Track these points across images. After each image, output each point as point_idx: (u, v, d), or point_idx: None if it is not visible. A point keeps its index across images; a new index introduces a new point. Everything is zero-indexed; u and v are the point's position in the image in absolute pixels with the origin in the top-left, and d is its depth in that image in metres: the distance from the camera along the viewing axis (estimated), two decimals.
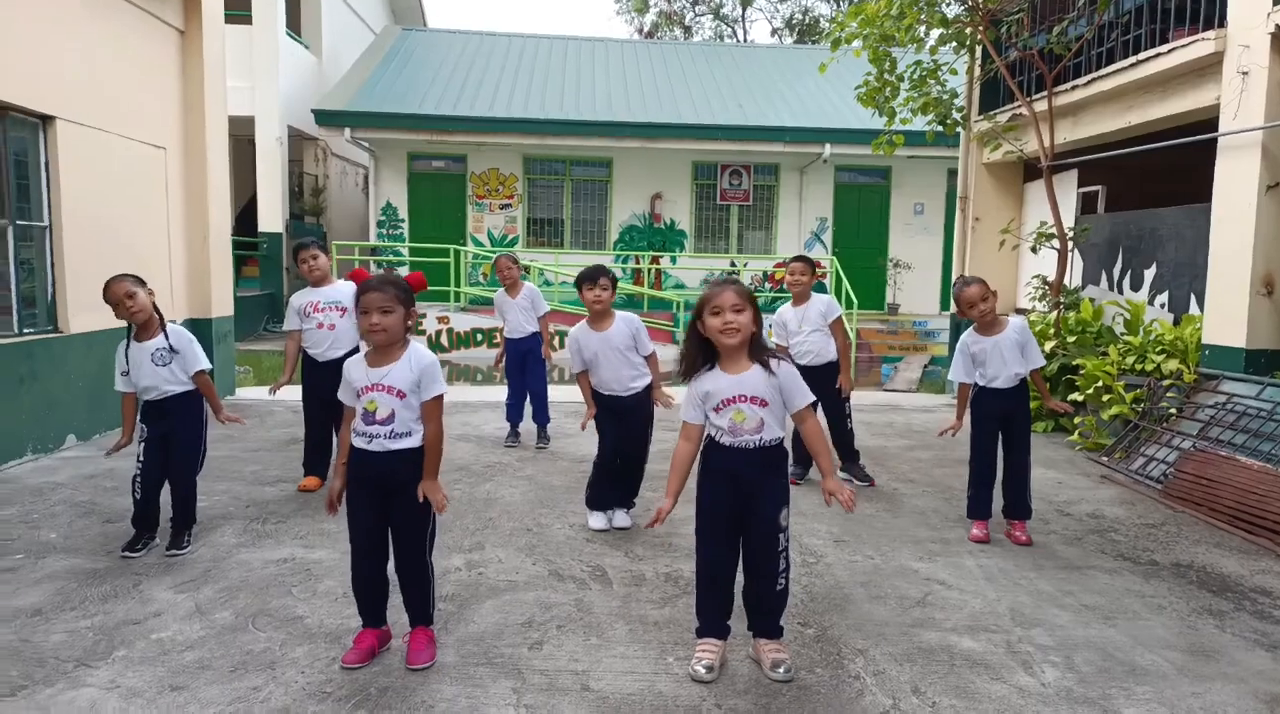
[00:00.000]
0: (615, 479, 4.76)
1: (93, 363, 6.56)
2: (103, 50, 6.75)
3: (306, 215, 18.29)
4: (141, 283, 4.22)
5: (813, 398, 3.12)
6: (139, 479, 4.20)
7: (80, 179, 6.45)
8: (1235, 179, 6.31)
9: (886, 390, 11.78)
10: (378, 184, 17.05)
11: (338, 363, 5.20)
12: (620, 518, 4.78)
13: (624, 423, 4.70)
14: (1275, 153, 6.05)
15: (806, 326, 5.66)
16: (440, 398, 3.16)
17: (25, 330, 6.07)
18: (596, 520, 4.75)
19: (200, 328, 8.01)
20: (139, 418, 4.27)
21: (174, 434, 4.25)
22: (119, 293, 4.13)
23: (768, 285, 17.41)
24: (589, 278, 4.64)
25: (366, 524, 3.16)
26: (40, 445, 6.10)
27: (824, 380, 5.69)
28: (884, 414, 8.58)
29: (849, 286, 14.05)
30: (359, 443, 3.12)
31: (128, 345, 4.20)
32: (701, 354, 3.12)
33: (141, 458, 4.20)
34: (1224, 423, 5.89)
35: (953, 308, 10.46)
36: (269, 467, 5.90)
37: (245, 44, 15.44)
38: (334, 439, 5.44)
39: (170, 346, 4.21)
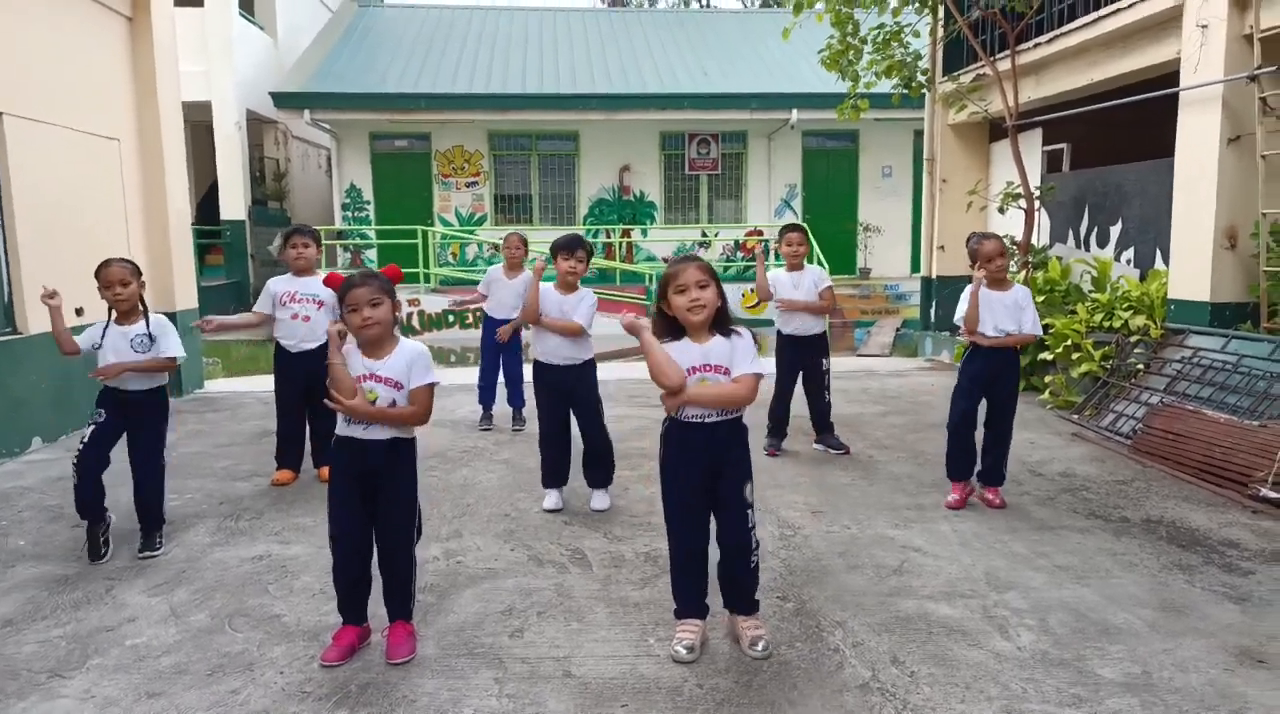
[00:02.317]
0: (562, 450, 4.77)
1: (55, 363, 6.40)
2: (48, 42, 6.55)
3: (269, 201, 18.01)
4: (138, 273, 4.20)
5: (759, 371, 3.05)
6: (78, 462, 4.06)
7: (32, 175, 6.28)
8: (1197, 133, 6.34)
9: (860, 355, 11.85)
10: (341, 166, 16.81)
11: (310, 355, 5.19)
12: (598, 500, 4.77)
13: (570, 401, 4.69)
14: (1236, 106, 6.07)
15: (800, 295, 5.66)
16: (431, 388, 3.15)
17: None
18: (550, 500, 4.75)
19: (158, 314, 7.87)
20: (97, 401, 4.18)
21: (136, 432, 4.18)
22: (113, 277, 4.09)
23: (739, 254, 17.41)
24: (566, 248, 4.56)
25: (353, 518, 3.13)
26: (4, 449, 5.99)
27: (809, 351, 5.75)
28: (858, 380, 8.62)
29: (820, 252, 14.06)
30: (353, 432, 3.12)
31: (106, 325, 4.15)
32: (670, 332, 3.11)
33: (85, 440, 4.09)
34: (1190, 377, 5.97)
35: (923, 270, 10.57)
36: (240, 461, 5.83)
37: (198, 27, 15.07)
38: (307, 431, 5.39)
39: (150, 334, 4.15)
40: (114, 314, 4.17)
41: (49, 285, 4.13)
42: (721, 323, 3.08)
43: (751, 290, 15.21)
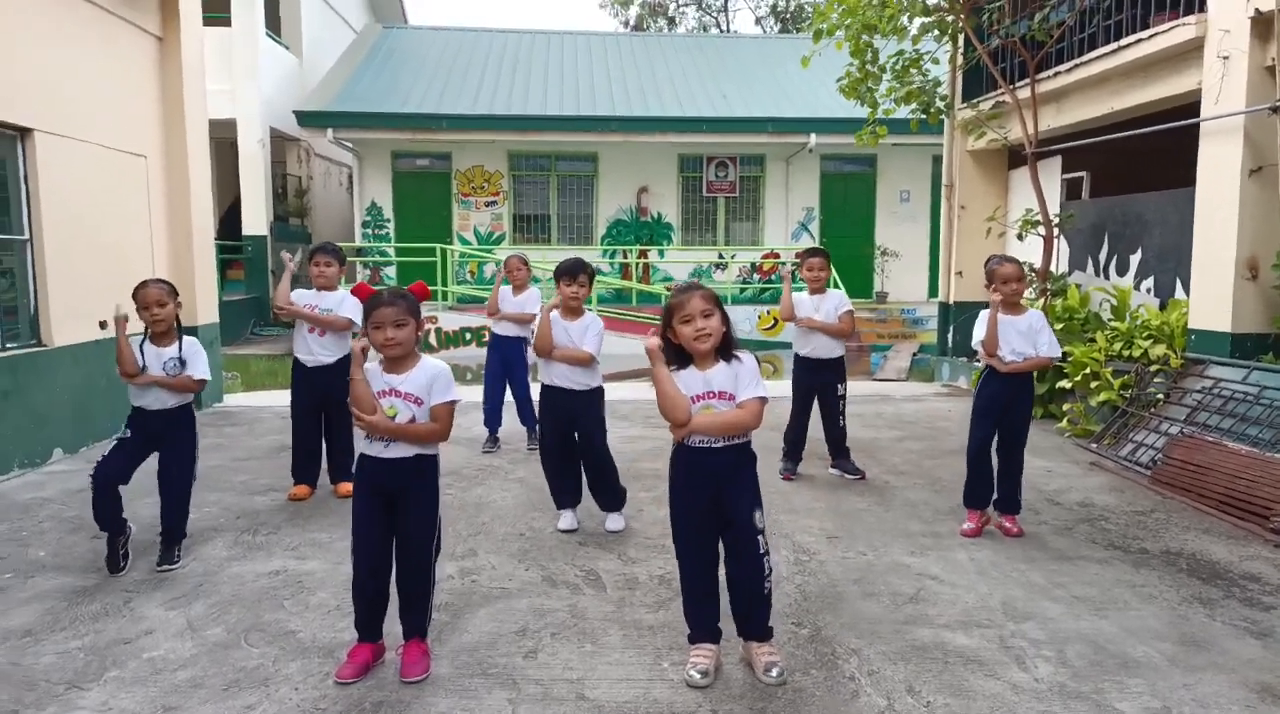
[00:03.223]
0: (567, 471, 4.78)
1: (78, 376, 6.52)
2: (80, 60, 6.68)
3: (291, 217, 18.20)
4: (174, 294, 4.30)
5: (763, 395, 3.07)
6: (95, 476, 4.08)
7: (60, 191, 6.39)
8: (1218, 164, 6.32)
9: (876, 380, 11.81)
10: (362, 184, 16.98)
11: (326, 369, 5.24)
12: (613, 521, 4.78)
13: (576, 426, 4.69)
14: (1257, 137, 6.06)
15: (820, 318, 5.66)
16: (452, 405, 3.18)
17: (8, 345, 6.02)
18: (564, 520, 4.77)
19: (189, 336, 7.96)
20: (126, 422, 4.23)
21: (166, 451, 4.23)
22: (149, 299, 4.17)
23: (756, 276, 17.44)
24: (568, 273, 4.63)
25: (374, 534, 3.16)
26: (27, 460, 6.05)
27: (826, 375, 5.73)
28: (874, 404, 8.60)
29: (837, 276, 14.03)
30: (372, 451, 3.16)
31: (142, 343, 4.22)
32: (675, 360, 3.14)
33: (106, 454, 4.13)
34: (1211, 408, 5.92)
35: (941, 296, 10.55)
36: (258, 476, 5.87)
37: (225, 46, 15.32)
38: (323, 446, 5.42)
39: (181, 358, 4.21)
40: (149, 333, 4.23)
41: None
42: (725, 348, 3.10)
43: (769, 312, 15.23)
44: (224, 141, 15.75)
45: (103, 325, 6.64)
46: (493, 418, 6.77)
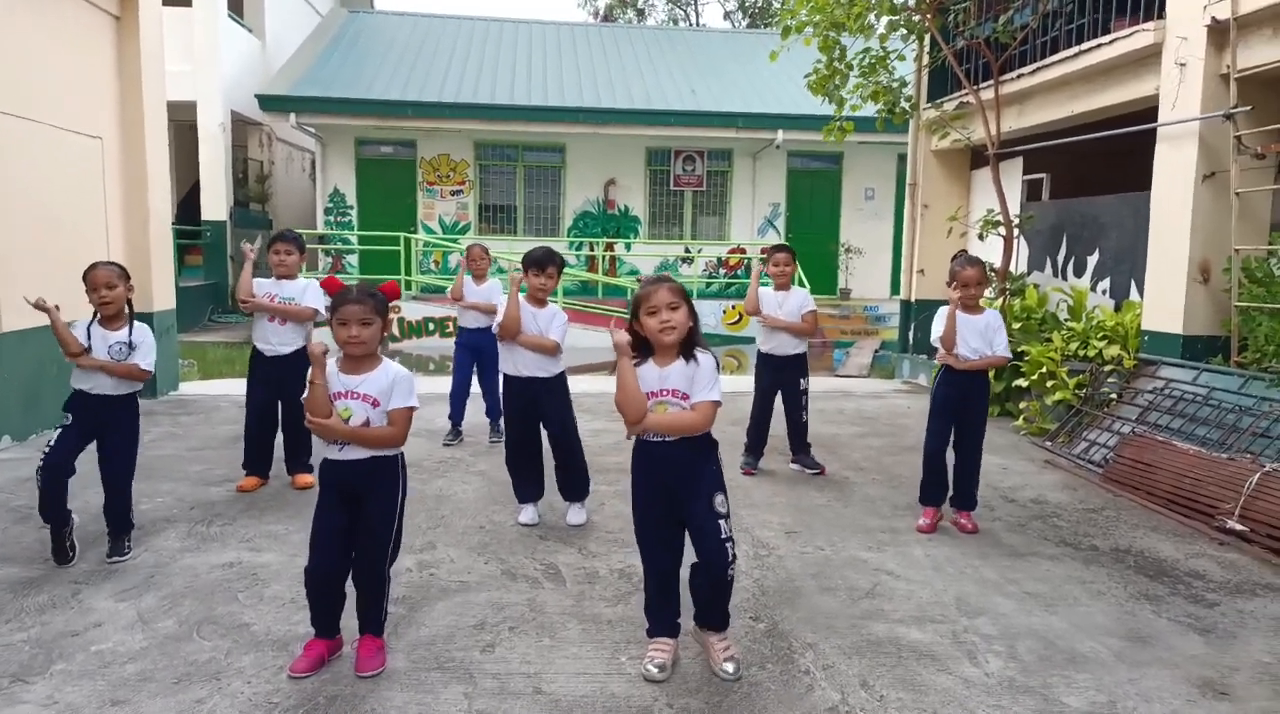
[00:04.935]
0: (530, 465, 4.79)
1: (28, 362, 6.37)
2: (33, 40, 6.50)
3: (251, 203, 17.91)
4: (125, 277, 4.20)
5: (716, 398, 3.07)
6: (43, 468, 3.98)
7: (12, 172, 6.22)
8: (1173, 168, 6.45)
9: (838, 376, 11.91)
10: (325, 170, 16.75)
11: (284, 359, 5.17)
12: (575, 515, 4.78)
13: (541, 414, 4.70)
14: (1212, 143, 6.19)
15: (783, 316, 5.69)
16: (410, 411, 3.14)
17: None
18: (525, 514, 4.76)
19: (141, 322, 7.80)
20: (65, 405, 4.13)
21: (107, 438, 4.13)
22: (98, 281, 4.08)
23: (722, 271, 17.49)
24: (537, 264, 4.60)
25: (333, 529, 3.12)
26: None
27: (788, 371, 5.77)
28: (835, 400, 8.67)
29: (801, 272, 14.13)
30: (330, 453, 3.13)
31: (90, 325, 4.12)
32: (639, 352, 3.14)
33: (53, 444, 4.03)
34: (1161, 408, 6.06)
35: (903, 293, 10.66)
36: (214, 466, 5.78)
37: (185, 27, 15.02)
38: (277, 438, 5.35)
39: (130, 342, 4.12)
40: (98, 316, 4.14)
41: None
42: (688, 345, 3.10)
43: (734, 307, 15.29)
44: (183, 124, 15.47)
45: (55, 308, 6.50)
46: (457, 411, 6.73)
